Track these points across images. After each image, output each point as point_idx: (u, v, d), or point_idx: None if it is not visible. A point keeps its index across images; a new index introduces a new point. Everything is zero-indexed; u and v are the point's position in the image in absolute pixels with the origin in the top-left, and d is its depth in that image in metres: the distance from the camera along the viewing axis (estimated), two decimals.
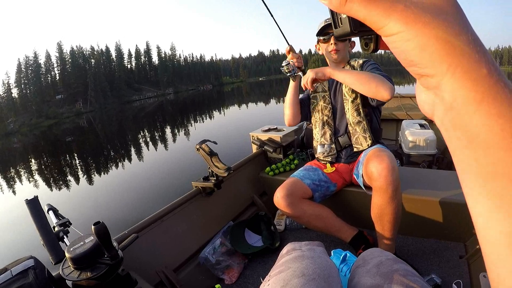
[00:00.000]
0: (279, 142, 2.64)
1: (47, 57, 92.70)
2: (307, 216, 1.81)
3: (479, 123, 0.22)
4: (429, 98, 0.26)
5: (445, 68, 0.23)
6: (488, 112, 0.22)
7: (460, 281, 1.50)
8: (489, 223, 0.23)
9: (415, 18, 0.23)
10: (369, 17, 0.25)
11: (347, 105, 1.88)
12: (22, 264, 1.07)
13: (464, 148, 0.23)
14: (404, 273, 0.78)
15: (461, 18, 0.24)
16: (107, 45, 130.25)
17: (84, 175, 11.09)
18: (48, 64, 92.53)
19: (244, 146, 3.81)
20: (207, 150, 1.87)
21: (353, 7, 0.26)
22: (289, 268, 0.80)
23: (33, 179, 11.98)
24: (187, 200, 1.91)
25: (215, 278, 1.76)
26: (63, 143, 24.02)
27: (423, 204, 1.81)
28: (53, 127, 49.95)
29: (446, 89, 0.24)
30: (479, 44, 0.23)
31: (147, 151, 13.78)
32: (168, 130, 20.52)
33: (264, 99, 37.30)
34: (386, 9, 0.24)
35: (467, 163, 0.24)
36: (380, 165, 1.52)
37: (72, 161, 14.81)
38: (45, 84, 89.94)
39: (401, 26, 0.24)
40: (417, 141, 3.19)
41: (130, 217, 4.93)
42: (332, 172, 1.95)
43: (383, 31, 0.25)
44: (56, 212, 1.35)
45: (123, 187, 8.51)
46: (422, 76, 0.25)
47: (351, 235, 1.80)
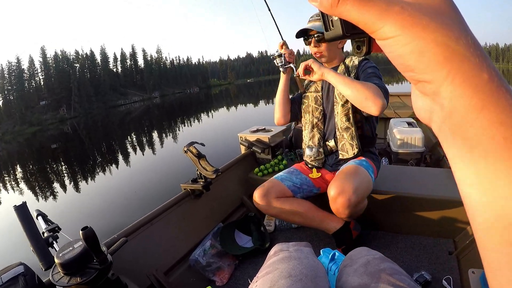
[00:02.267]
0: (268, 142, 2.66)
1: (31, 62, 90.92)
2: (285, 213, 1.83)
3: (480, 132, 0.21)
4: (426, 105, 0.25)
5: (444, 74, 0.22)
6: (490, 120, 0.21)
7: (450, 277, 1.53)
8: (490, 233, 0.22)
9: (412, 21, 0.22)
10: (362, 20, 0.24)
11: (337, 109, 1.81)
12: (12, 271, 1.08)
13: (464, 157, 0.22)
14: (391, 272, 0.79)
15: (460, 20, 0.23)
16: (91, 49, 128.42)
17: (72, 181, 10.99)
18: (32, 70, 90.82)
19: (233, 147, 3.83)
20: (195, 152, 1.89)
21: (345, 10, 0.24)
22: (276, 269, 0.81)
23: (20, 187, 11.82)
24: (176, 203, 1.92)
25: (206, 280, 1.77)
26: (48, 150, 23.66)
27: (412, 201, 1.84)
28: (37, 134, 49.12)
29: (445, 96, 0.22)
30: (479, 48, 0.22)
31: (135, 155, 13.75)
32: (155, 134, 20.42)
33: (253, 100, 37.29)
34: (381, 12, 0.23)
35: (467, 172, 0.23)
36: (339, 198, 1.55)
37: (59, 168, 14.62)
38: (28, 90, 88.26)
39: (397, 30, 0.23)
40: (405, 139, 3.25)
41: (119, 221, 4.90)
42: (317, 178, 1.95)
43: (378, 34, 0.24)
44: (45, 218, 1.35)
45: (112, 192, 8.47)
46: (420, 82, 0.24)
47: (335, 227, 1.78)
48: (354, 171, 1.66)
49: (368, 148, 1.88)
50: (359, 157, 1.81)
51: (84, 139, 26.40)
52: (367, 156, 1.84)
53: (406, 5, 0.23)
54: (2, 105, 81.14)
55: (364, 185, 1.62)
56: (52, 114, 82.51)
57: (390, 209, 1.92)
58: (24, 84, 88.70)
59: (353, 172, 1.65)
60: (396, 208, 1.90)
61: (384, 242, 1.91)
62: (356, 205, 1.56)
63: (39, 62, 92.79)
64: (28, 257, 1.20)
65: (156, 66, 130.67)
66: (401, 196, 1.86)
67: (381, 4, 0.23)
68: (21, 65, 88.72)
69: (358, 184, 1.57)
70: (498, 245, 0.22)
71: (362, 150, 1.81)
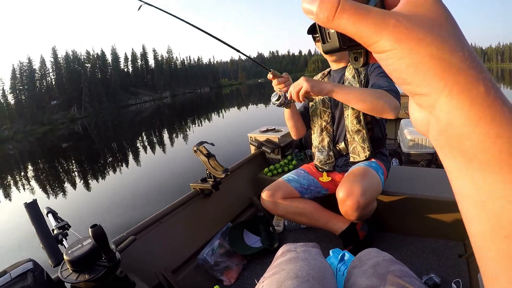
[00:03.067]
0: (277, 142, 2.66)
1: (42, 62, 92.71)
2: (291, 214, 1.84)
3: (477, 144, 0.21)
4: (423, 117, 0.25)
5: (440, 87, 0.22)
6: (486, 133, 0.21)
7: (460, 280, 1.50)
8: (487, 243, 0.23)
9: (408, 34, 0.22)
10: (359, 34, 0.24)
11: (347, 111, 1.77)
12: (21, 267, 1.09)
13: (461, 169, 0.23)
14: (401, 274, 0.78)
15: (456, 32, 0.23)
16: (102, 49, 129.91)
17: (82, 179, 11.17)
18: (43, 70, 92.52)
19: (243, 147, 3.84)
20: (205, 152, 1.89)
21: (341, 23, 0.24)
22: (283, 270, 0.81)
23: (31, 185, 12.08)
24: (185, 202, 1.93)
25: (214, 279, 1.77)
26: (59, 149, 24.03)
27: (422, 203, 1.82)
28: (48, 133, 49.89)
29: (442, 108, 0.23)
30: (476, 60, 0.22)
31: (145, 154, 13.90)
32: (165, 134, 20.63)
33: (264, 100, 37.33)
34: (377, 25, 0.23)
35: (464, 183, 0.23)
36: (348, 201, 1.54)
37: (70, 167, 14.88)
38: (40, 90, 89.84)
39: (393, 44, 0.23)
40: (416, 140, 3.22)
41: (129, 220, 4.96)
42: (327, 181, 1.93)
43: (374, 48, 0.24)
44: (55, 215, 1.37)
45: (122, 190, 8.59)
46: (416, 94, 0.24)
47: (341, 228, 1.77)
48: (363, 172, 1.64)
49: (379, 150, 1.86)
50: (369, 159, 1.80)
51: (94, 138, 26.81)
52: (377, 158, 1.81)
53: (401, 18, 0.23)
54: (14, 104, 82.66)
55: (373, 187, 1.60)
56: (63, 114, 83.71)
57: (400, 210, 1.90)
58: (35, 84, 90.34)
59: (362, 174, 1.63)
60: (406, 209, 1.88)
61: (393, 244, 1.89)
62: (365, 207, 1.55)
63: (50, 62, 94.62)
64: (38, 254, 1.22)
65: (166, 66, 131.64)
66: (411, 198, 1.85)
67: (377, 17, 0.23)
68: (32, 65, 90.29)
69: (367, 186, 1.56)
70: (495, 256, 0.22)
71: (373, 152, 1.79)
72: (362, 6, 0.24)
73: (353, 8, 0.24)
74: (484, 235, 0.23)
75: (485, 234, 0.22)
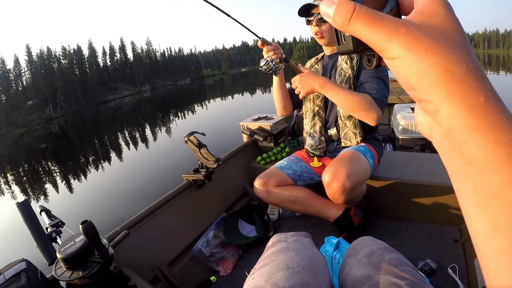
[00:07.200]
0: (270, 130, 2.68)
1: (16, 61, 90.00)
2: (284, 202, 1.86)
3: (476, 149, 0.24)
4: (427, 121, 0.28)
5: (443, 95, 0.24)
6: (484, 138, 0.23)
7: (456, 265, 1.53)
8: (487, 241, 0.24)
9: (416, 43, 0.25)
10: (371, 39, 0.26)
11: None
12: (15, 268, 1.09)
13: (461, 171, 0.25)
14: (396, 262, 0.79)
15: (463, 44, 0.25)
16: (78, 44, 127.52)
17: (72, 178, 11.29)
18: (18, 69, 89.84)
19: (235, 136, 3.85)
20: (196, 142, 1.89)
21: (356, 28, 0.27)
22: (274, 261, 0.81)
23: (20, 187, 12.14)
24: (178, 194, 1.94)
25: (210, 270, 1.80)
26: (39, 150, 23.66)
27: (417, 188, 1.85)
28: (24, 135, 48.87)
29: (443, 115, 0.25)
30: (479, 71, 0.24)
31: (135, 149, 14.03)
32: (152, 126, 20.66)
33: (250, 89, 37.26)
34: (389, 32, 0.25)
35: (464, 184, 0.25)
36: (333, 183, 1.57)
37: (52, 167, 14.76)
38: (15, 90, 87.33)
39: (402, 51, 0.25)
40: (409, 125, 3.27)
41: (123, 214, 4.97)
42: (318, 166, 1.96)
43: (385, 54, 0.26)
44: (49, 213, 1.36)
45: (115, 185, 8.69)
46: (421, 100, 0.27)
47: (335, 214, 1.80)
48: (349, 156, 1.67)
49: (371, 135, 1.89)
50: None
51: (73, 138, 26.42)
52: (368, 142, 1.84)
53: (412, 27, 0.25)
54: None
55: (360, 170, 1.63)
56: (38, 114, 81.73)
57: (394, 196, 1.93)
58: (10, 84, 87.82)
59: (349, 157, 1.66)
60: (400, 195, 1.91)
61: (388, 230, 1.92)
62: (352, 190, 1.58)
63: (25, 61, 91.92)
64: (34, 253, 1.22)
65: (146, 58, 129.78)
66: (406, 183, 1.87)
67: (389, 24, 0.25)
68: (6, 66, 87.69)
69: (353, 169, 1.59)
70: (494, 253, 0.24)
71: (365, 137, 1.83)
72: (377, 13, 0.26)
73: (368, 14, 0.26)
74: (484, 233, 0.24)
75: (484, 232, 0.24)
